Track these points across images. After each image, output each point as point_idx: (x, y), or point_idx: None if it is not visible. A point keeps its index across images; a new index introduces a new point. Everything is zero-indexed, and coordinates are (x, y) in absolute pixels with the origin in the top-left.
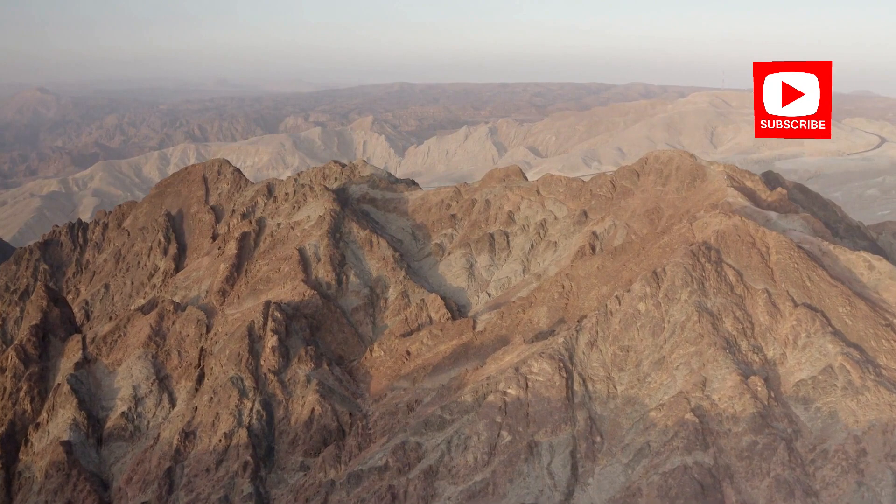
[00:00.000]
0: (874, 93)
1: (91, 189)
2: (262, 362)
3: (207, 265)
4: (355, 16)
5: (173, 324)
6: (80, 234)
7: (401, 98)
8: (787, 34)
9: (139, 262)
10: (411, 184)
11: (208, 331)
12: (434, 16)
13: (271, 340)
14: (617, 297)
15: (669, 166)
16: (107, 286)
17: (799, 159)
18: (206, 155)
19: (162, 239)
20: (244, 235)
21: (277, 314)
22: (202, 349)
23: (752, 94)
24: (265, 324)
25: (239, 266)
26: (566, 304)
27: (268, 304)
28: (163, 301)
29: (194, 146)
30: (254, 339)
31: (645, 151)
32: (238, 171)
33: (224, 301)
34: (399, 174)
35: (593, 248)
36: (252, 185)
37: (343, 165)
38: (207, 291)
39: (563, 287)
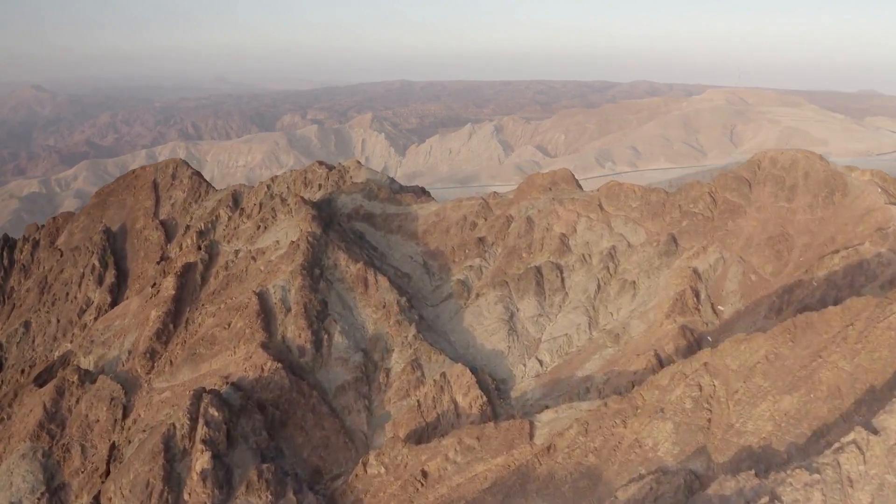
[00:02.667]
0: (879, 92)
1: (74, 189)
2: (185, 497)
3: (136, 310)
4: (355, 15)
5: (77, 402)
6: (4, 253)
7: (401, 95)
8: (787, 33)
9: (68, 294)
10: (421, 192)
11: (125, 415)
12: (434, 15)
13: (201, 459)
14: (857, 445)
15: (794, 173)
16: (27, 325)
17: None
18: (197, 153)
19: (96, 263)
20: (187, 269)
21: (214, 412)
22: (114, 445)
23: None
24: (193, 430)
25: (177, 314)
26: (709, 420)
27: (198, 394)
28: (65, 369)
29: (184, 144)
30: (173, 456)
31: (661, 150)
32: (198, 174)
33: (152, 367)
34: (399, 174)
35: (697, 296)
36: (215, 192)
37: (330, 168)
38: (131, 351)
39: (701, 388)
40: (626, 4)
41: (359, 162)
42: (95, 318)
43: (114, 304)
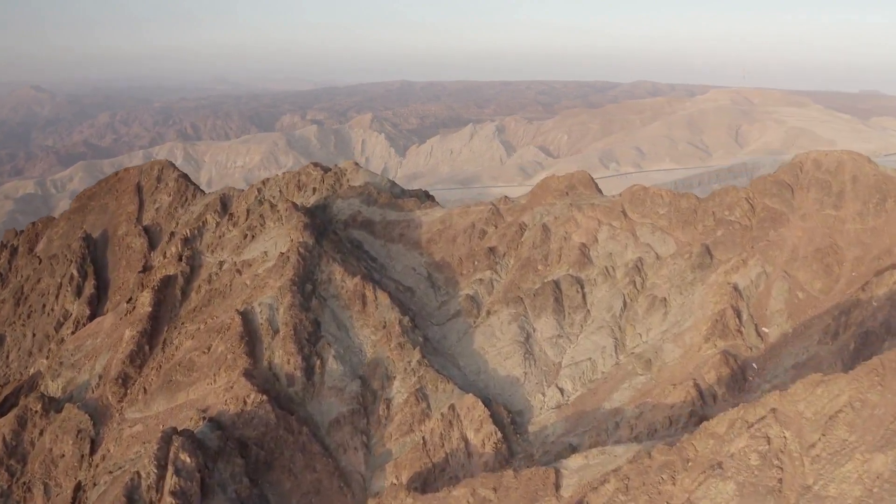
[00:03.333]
0: (882, 92)
1: (69, 191)
2: None
3: (109, 328)
4: (355, 15)
5: (41, 434)
6: None
7: (401, 96)
8: (787, 33)
9: (45, 306)
10: (424, 197)
11: (94, 450)
12: (433, 15)
13: None
14: None
15: (841, 176)
16: (1, 339)
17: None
18: (195, 154)
19: (75, 273)
20: (166, 283)
21: (185, 458)
22: (80, 485)
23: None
24: (161, 479)
25: (154, 333)
26: (780, 481)
27: (167, 437)
28: (28, 397)
29: (182, 145)
30: None
31: (666, 151)
32: (184, 176)
33: (125, 395)
34: (400, 175)
35: (739, 316)
36: (202, 196)
37: (326, 170)
38: (101, 376)
39: (769, 440)
40: (625, 4)
41: (356, 164)
42: (73, 333)
43: (93, 317)
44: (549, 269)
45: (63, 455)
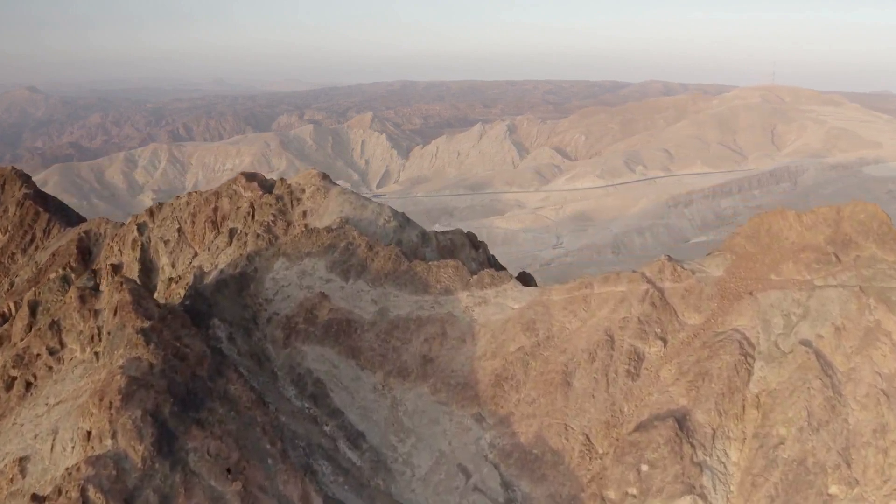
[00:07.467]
0: (893, 92)
1: None
2: None
3: None
4: (353, 17)
5: None
6: None
7: (403, 95)
8: (785, 34)
9: None
10: (471, 250)
11: None
12: (433, 17)
13: None
14: None
15: None
16: None
17: (888, 164)
18: (181, 156)
19: None
20: None
21: None
22: None
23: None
24: None
25: None
26: None
27: None
28: None
29: (167, 146)
30: None
31: (697, 153)
32: (39, 196)
33: None
34: (402, 179)
35: None
36: (60, 232)
37: (266, 188)
38: None
39: None
40: (625, 5)
41: (325, 176)
42: None
43: None
44: (859, 495)
45: None
